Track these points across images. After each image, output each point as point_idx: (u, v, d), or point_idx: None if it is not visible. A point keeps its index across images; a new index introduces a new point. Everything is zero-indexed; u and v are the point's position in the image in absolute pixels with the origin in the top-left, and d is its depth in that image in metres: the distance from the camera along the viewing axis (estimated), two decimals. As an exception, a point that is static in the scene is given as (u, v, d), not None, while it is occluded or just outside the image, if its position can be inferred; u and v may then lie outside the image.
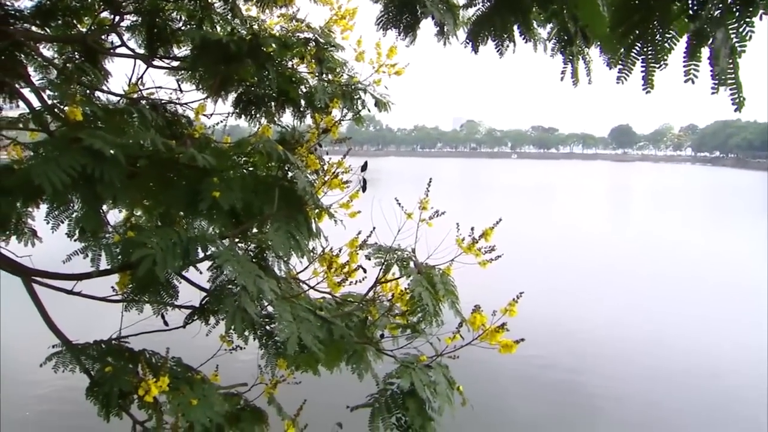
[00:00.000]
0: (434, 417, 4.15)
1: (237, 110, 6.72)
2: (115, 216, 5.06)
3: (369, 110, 6.73)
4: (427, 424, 4.06)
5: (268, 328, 4.33)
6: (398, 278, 4.48)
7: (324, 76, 6.57)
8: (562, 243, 37.98)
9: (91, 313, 6.58)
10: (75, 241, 4.36)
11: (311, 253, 4.77)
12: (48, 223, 4.25)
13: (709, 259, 33.39)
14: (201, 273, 4.50)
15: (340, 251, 4.61)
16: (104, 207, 4.62)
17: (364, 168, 4.50)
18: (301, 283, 4.90)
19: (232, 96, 6.66)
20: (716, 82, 2.96)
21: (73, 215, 4.25)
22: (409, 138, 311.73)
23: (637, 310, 23.16)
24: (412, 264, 4.45)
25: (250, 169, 4.61)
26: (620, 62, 3.32)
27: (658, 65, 3.22)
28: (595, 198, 75.96)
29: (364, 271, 4.56)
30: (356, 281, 4.43)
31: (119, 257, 4.13)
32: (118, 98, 5.91)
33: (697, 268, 31.13)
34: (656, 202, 71.09)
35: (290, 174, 4.43)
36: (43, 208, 4.37)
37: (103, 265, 4.31)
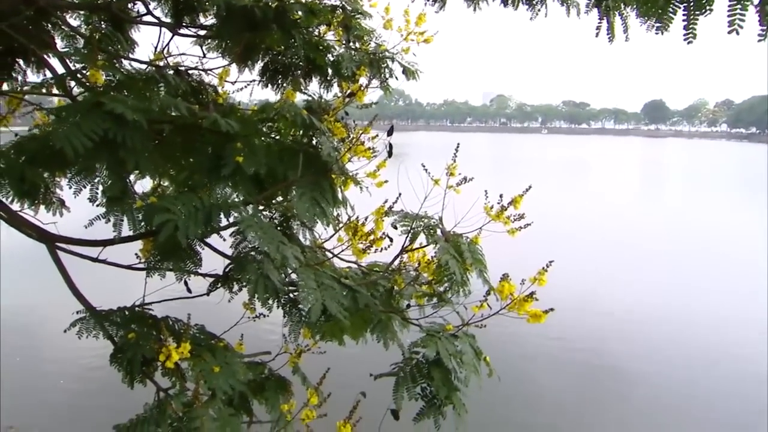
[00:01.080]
0: (460, 387, 4.07)
1: (263, 79, 6.63)
2: (143, 186, 5.03)
3: (397, 78, 6.61)
4: (452, 395, 3.98)
5: (291, 295, 4.27)
6: (425, 246, 4.38)
7: (351, 44, 6.45)
8: (591, 219, 37.61)
9: (115, 281, 6.59)
10: (97, 206, 4.33)
11: (336, 221, 4.70)
12: (71, 188, 4.22)
13: (742, 238, 32.81)
14: (224, 240, 4.45)
15: (365, 220, 4.53)
16: (131, 177, 4.60)
17: (390, 132, 4.40)
18: (325, 252, 4.83)
19: (258, 65, 6.57)
20: (765, 28, 2.76)
21: (96, 180, 4.22)
22: (438, 112, 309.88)
23: (667, 288, 22.88)
24: (439, 232, 4.35)
25: (274, 134, 4.53)
26: (659, 11, 3.14)
27: (701, 11, 3.02)
28: (626, 174, 74.93)
29: (390, 240, 4.48)
30: (382, 249, 4.34)
31: (142, 223, 4.08)
32: (144, 66, 5.86)
33: (730, 246, 30.60)
34: (689, 179, 69.95)
35: (315, 140, 4.34)
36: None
37: (127, 232, 4.27)
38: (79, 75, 4.64)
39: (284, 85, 6.64)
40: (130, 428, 3.64)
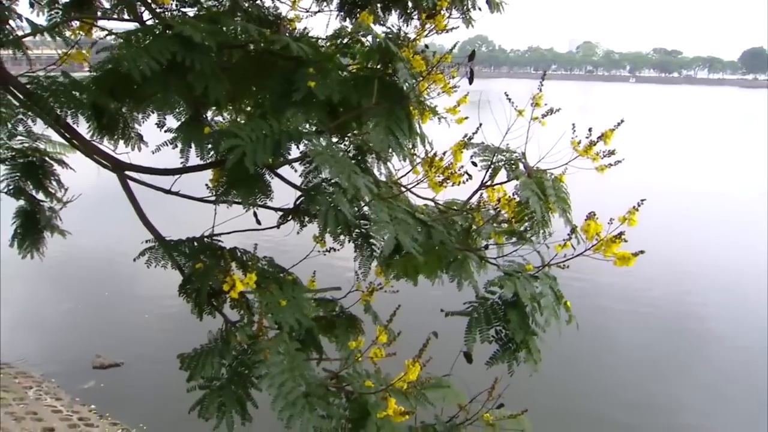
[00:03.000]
0: (537, 332, 3.84)
1: (341, 12, 6.39)
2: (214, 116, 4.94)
3: (480, 9, 6.23)
4: (529, 339, 3.76)
5: (363, 229, 4.10)
6: (505, 182, 4.11)
7: (432, -28, 6.10)
8: (678, 175, 36.10)
9: (187, 215, 6.58)
10: (165, 131, 4.24)
11: (412, 155, 4.48)
12: (139, 115, 4.15)
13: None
14: (296, 172, 4.30)
15: (443, 155, 4.28)
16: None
17: (471, 57, 4.10)
18: (401, 187, 4.61)
19: (336, -2, 6.34)
20: None
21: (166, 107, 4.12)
22: (522, 59, 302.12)
23: (754, 248, 21.80)
24: (521, 166, 4.06)
25: (349, 60, 4.31)
26: None
27: None
28: (719, 127, 71.37)
29: (469, 176, 4.22)
30: (460, 183, 4.08)
31: (210, 152, 3.97)
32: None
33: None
34: (787, 132, 66.06)
35: (391, 67, 4.09)
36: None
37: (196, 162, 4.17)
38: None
39: (363, 19, 6.39)
40: (194, 358, 3.58)
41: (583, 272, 16.74)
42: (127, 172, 4.56)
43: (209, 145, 3.97)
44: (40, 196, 6.72)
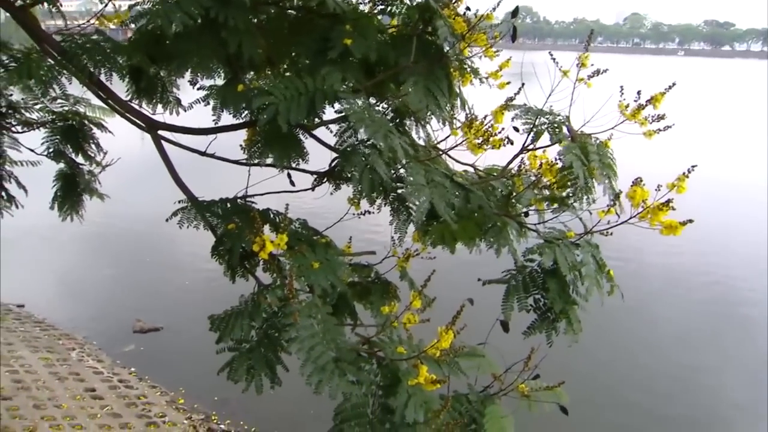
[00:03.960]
0: (578, 302, 3.69)
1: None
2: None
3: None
4: (569, 309, 3.62)
5: (399, 192, 3.98)
6: (548, 146, 3.94)
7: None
8: (729, 153, 35.07)
9: (221, 178, 6.55)
10: (198, 89, 4.17)
11: (451, 117, 4.34)
12: (170, 73, 4.08)
13: None
14: (333, 134, 4.20)
15: (484, 118, 4.11)
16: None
17: (514, 14, 3.92)
18: (439, 152, 4.47)
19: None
20: None
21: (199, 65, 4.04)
22: (567, 31, 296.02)
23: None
24: (565, 130, 3.89)
25: (387, 17, 4.17)
26: None
27: None
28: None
29: (510, 141, 4.06)
30: (500, 146, 3.91)
31: (244, 110, 3.88)
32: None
33: None
34: None
35: (431, 25, 3.93)
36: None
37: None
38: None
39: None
40: (224, 319, 3.53)
41: (625, 251, 16.49)
42: (161, 132, 4.50)
43: (243, 105, 3.89)
44: (80, 159, 6.77)
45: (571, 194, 3.96)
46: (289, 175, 4.48)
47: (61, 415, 9.20)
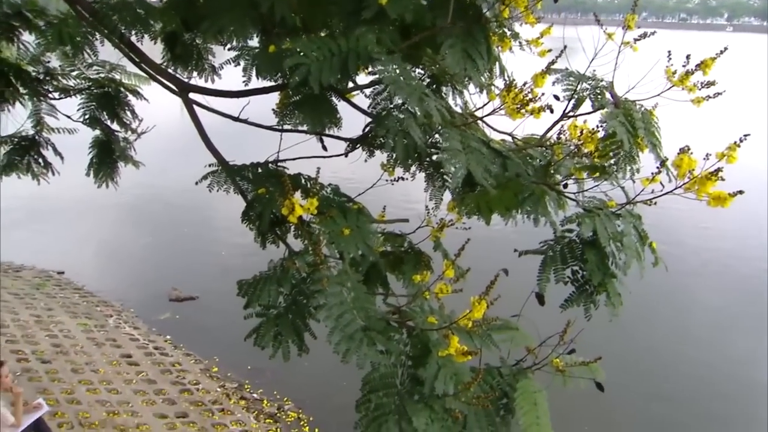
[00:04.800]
0: (617, 275, 3.54)
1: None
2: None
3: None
4: (607, 282, 3.47)
5: (434, 158, 3.85)
6: (590, 113, 3.77)
7: None
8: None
9: (253, 144, 6.46)
10: (228, 50, 4.08)
11: (490, 84, 4.19)
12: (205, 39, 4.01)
13: None
14: (366, 96, 4.09)
15: (524, 85, 3.95)
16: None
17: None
18: (476, 119, 4.32)
19: None
20: None
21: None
22: (611, 6, 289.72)
23: None
24: (608, 96, 3.71)
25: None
26: None
27: None
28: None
29: (551, 110, 3.90)
30: (541, 113, 3.74)
31: (276, 72, 3.78)
32: None
33: None
34: None
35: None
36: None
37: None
38: None
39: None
40: (252, 284, 3.46)
41: (661, 231, 16.05)
42: (192, 97, 4.43)
43: (276, 68, 3.79)
44: (116, 126, 6.77)
45: (613, 164, 3.79)
46: (321, 140, 4.38)
47: (98, 379, 9.34)
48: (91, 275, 14.67)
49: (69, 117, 6.63)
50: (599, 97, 3.76)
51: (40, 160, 6.97)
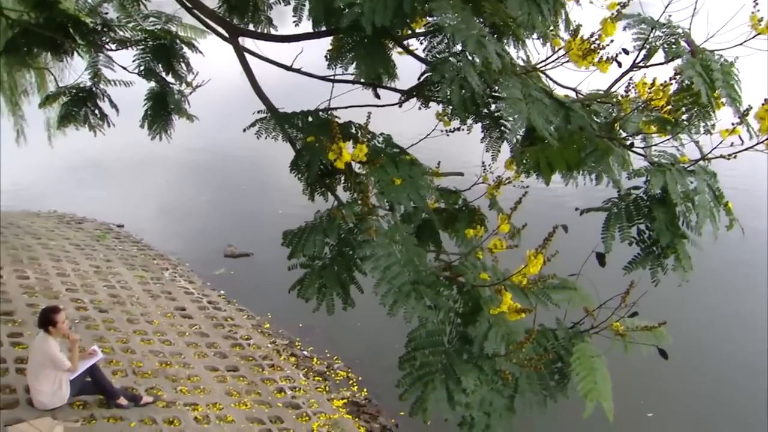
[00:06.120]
0: (688, 236, 3.29)
1: None
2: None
3: None
4: (677, 243, 3.23)
5: (492, 108, 3.64)
6: (662, 63, 3.50)
7: None
8: None
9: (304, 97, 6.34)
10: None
11: (554, 32, 3.94)
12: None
13: None
14: (422, 44, 3.88)
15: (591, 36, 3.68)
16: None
17: None
18: (538, 71, 4.07)
19: None
20: None
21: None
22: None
23: None
24: (683, 44, 3.42)
25: None
26: None
27: None
28: None
29: (619, 64, 3.63)
30: (609, 65, 3.48)
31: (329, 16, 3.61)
32: None
33: None
34: None
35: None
36: None
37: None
38: None
39: None
40: (297, 234, 3.33)
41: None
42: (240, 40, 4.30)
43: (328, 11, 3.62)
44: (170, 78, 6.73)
45: (685, 120, 3.52)
46: (374, 88, 4.21)
47: (152, 330, 9.46)
48: (149, 229, 14.90)
49: (125, 68, 6.61)
50: (673, 46, 3.48)
51: (97, 112, 6.98)
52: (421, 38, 3.87)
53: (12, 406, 6.36)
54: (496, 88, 3.42)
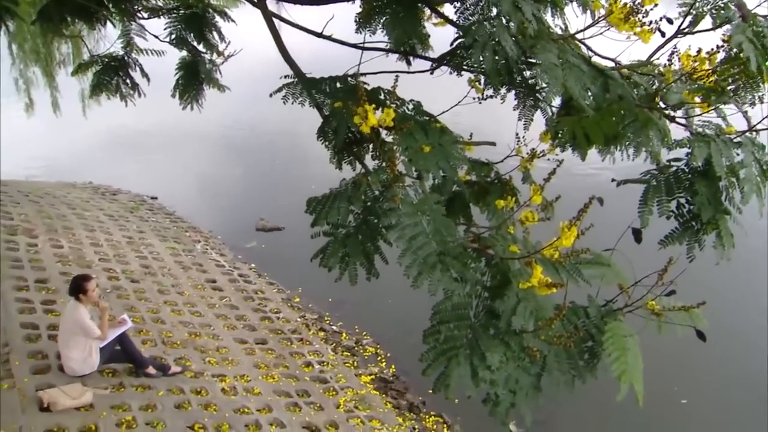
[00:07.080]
0: (731, 212, 3.12)
1: None
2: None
3: None
4: (719, 219, 3.06)
5: (527, 74, 3.48)
6: (709, 30, 3.31)
7: None
8: None
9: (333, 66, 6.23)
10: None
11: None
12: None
13: None
14: (455, 8, 3.73)
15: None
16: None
17: None
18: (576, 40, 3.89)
19: None
20: None
21: None
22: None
23: None
24: (733, 8, 3.23)
25: None
26: None
27: None
28: None
29: (662, 33, 3.45)
30: (650, 30, 3.30)
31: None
32: None
33: None
34: None
35: None
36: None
37: None
38: None
39: None
40: (321, 201, 3.24)
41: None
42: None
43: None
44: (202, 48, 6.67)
45: (733, 90, 3.34)
46: (405, 54, 4.07)
47: (183, 301, 9.49)
48: (182, 202, 14.95)
49: (157, 37, 6.56)
50: (722, 11, 3.29)
51: (128, 81, 6.96)
52: (455, 2, 3.73)
53: (44, 371, 6.42)
54: (531, 54, 3.27)
